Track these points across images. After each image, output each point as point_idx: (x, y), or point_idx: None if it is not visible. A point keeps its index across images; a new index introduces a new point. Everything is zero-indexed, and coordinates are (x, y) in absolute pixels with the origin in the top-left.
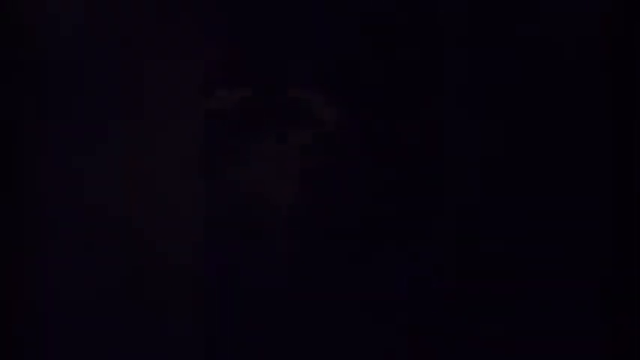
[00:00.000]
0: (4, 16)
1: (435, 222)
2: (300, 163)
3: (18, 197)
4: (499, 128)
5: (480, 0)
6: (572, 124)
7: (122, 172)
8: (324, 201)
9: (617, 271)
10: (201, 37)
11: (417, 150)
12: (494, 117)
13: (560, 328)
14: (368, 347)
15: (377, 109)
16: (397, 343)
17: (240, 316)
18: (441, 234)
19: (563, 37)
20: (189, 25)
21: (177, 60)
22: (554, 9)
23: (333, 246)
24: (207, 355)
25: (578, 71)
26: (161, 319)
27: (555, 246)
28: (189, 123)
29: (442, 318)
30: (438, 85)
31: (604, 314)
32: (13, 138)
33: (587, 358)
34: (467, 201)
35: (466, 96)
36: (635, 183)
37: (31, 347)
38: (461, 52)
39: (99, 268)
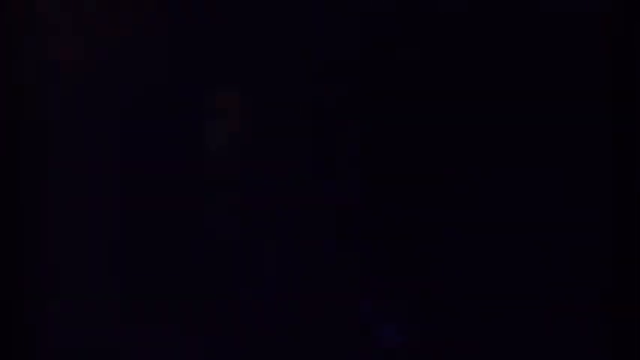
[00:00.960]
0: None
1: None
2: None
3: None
4: (500, 128)
5: (480, 0)
6: (573, 124)
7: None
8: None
9: (617, 272)
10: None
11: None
12: (495, 116)
13: (561, 329)
14: None
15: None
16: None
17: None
18: (444, 232)
19: (563, 37)
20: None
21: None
22: (554, 9)
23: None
24: None
25: (578, 71)
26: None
27: (555, 246)
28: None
29: (444, 317)
30: (437, 86)
31: (604, 315)
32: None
33: (587, 358)
34: (469, 200)
35: (466, 98)
36: (635, 183)
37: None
38: (459, 53)
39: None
